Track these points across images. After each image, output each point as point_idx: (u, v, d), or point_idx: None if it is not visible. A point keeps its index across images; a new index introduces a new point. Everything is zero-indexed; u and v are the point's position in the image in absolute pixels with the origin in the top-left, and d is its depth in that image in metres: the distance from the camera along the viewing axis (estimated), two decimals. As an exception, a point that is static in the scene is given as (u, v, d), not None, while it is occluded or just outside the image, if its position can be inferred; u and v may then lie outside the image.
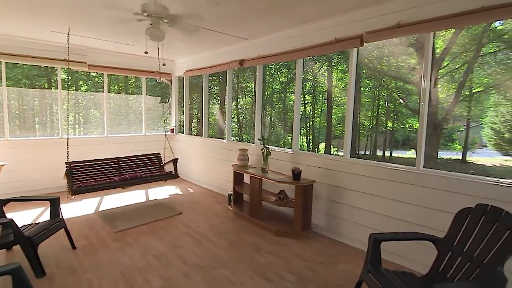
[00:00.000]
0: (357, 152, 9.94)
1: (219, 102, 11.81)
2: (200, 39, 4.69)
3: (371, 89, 10.01)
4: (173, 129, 7.10)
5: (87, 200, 4.95)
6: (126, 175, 4.58)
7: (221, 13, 3.44)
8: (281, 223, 3.92)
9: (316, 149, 11.01)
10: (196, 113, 11.49)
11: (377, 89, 9.82)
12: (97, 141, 6.05)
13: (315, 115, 11.13)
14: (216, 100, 11.96)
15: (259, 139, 4.22)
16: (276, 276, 2.77)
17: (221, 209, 4.69)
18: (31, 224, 3.01)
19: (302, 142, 10.95)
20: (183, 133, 6.97)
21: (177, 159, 5.09)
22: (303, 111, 10.79)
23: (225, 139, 5.55)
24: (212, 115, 11.71)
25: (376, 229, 3.19)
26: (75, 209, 4.49)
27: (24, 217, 4.07)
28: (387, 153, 9.73)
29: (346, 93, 3.52)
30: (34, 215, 4.20)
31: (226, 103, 5.58)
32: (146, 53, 3.86)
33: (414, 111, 8.54)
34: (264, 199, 4.04)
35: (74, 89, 9.50)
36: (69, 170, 4.05)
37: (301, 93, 4.33)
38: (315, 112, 11.14)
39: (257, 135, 4.83)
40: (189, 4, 3.14)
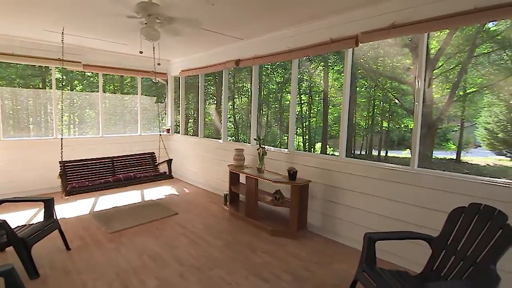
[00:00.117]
0: (353, 152, 9.97)
1: (215, 102, 11.78)
2: (195, 39, 4.68)
3: (366, 89, 10.04)
4: (169, 129, 7.07)
5: (81, 200, 4.92)
6: (120, 176, 4.56)
7: (217, 13, 3.44)
8: (277, 223, 3.93)
9: (312, 149, 11.02)
10: (192, 113, 11.45)
11: (372, 89, 9.86)
12: (92, 141, 6.00)
13: (311, 115, 11.14)
14: (212, 100, 11.92)
15: (255, 139, 4.22)
16: (271, 275, 2.77)
17: (217, 209, 4.68)
18: (25, 225, 2.98)
19: (298, 142, 10.96)
20: (179, 133, 6.95)
21: (171, 160, 5.08)
22: (299, 111, 10.80)
23: (221, 139, 5.55)
24: (208, 115, 11.67)
25: (371, 228, 3.21)
26: (69, 210, 4.46)
27: (17, 218, 4.03)
28: (383, 153, 9.76)
29: (342, 93, 3.53)
30: (28, 216, 4.16)
31: (222, 103, 5.57)
32: (141, 52, 3.85)
33: (409, 111, 8.59)
34: (260, 199, 4.04)
35: (69, 89, 9.41)
36: (63, 170, 4.02)
37: (297, 93, 4.35)
38: (311, 112, 11.15)
39: (253, 135, 4.83)
40: (184, 4, 3.13)
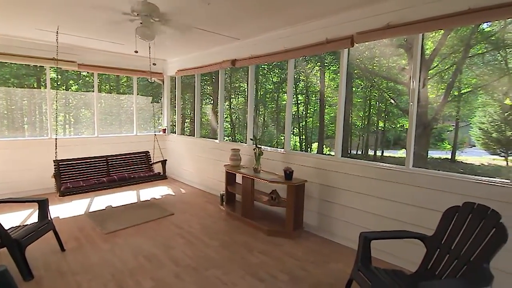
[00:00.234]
0: (349, 151, 10.01)
1: (212, 102, 11.76)
2: (191, 39, 4.67)
3: (362, 89, 10.08)
4: (165, 129, 7.05)
5: (76, 201, 4.88)
6: (114, 176, 4.54)
7: (213, 13, 3.43)
8: (273, 222, 3.93)
9: (309, 149, 11.05)
10: (188, 113, 11.42)
11: (368, 89, 9.91)
12: (87, 141, 5.96)
13: (308, 115, 11.17)
14: (209, 100, 11.90)
15: (251, 139, 4.22)
16: (268, 275, 2.77)
17: (213, 209, 4.68)
18: (19, 226, 2.95)
19: (295, 142, 10.98)
20: (175, 133, 6.92)
21: (166, 161, 5.09)
22: (295, 111, 10.83)
23: (217, 139, 5.54)
24: (204, 115, 11.65)
25: (367, 228, 3.22)
26: (64, 210, 4.42)
27: (11, 219, 3.98)
28: (379, 153, 9.82)
29: (338, 93, 3.54)
30: (22, 217, 4.12)
31: (218, 103, 5.56)
32: (136, 52, 3.84)
33: (404, 111, 8.65)
34: (256, 199, 4.04)
35: (64, 88, 9.34)
36: (57, 170, 3.99)
37: (293, 93, 4.36)
38: (308, 112, 11.18)
39: (250, 135, 4.83)
40: (180, 3, 3.12)
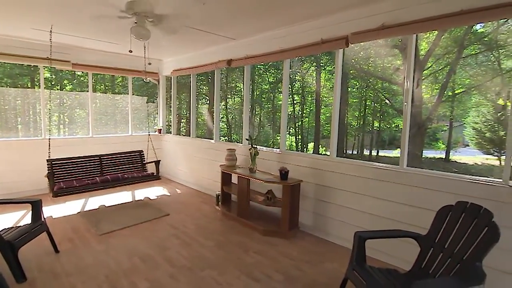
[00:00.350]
0: (344, 151, 10.06)
1: (208, 102, 11.74)
2: (187, 39, 4.66)
3: (358, 89, 10.14)
4: (161, 129, 7.01)
5: (71, 201, 4.84)
6: (107, 176, 4.52)
7: (208, 13, 3.42)
8: (269, 222, 3.93)
9: (305, 149, 11.08)
10: (184, 113, 11.39)
11: (364, 90, 9.97)
12: (82, 141, 5.91)
13: (304, 115, 11.21)
14: (205, 100, 11.88)
15: (247, 139, 4.22)
16: (263, 275, 2.77)
17: (209, 210, 4.67)
18: (12, 227, 2.91)
19: (291, 142, 11.01)
20: (171, 133, 6.90)
21: (159, 161, 5.11)
22: (291, 111, 10.85)
23: (213, 139, 5.53)
24: (201, 115, 11.63)
25: (362, 227, 3.23)
26: (58, 211, 4.37)
27: (4, 220, 3.95)
28: (374, 153, 9.89)
29: (333, 93, 3.56)
30: (15, 219, 4.08)
31: (214, 103, 5.55)
32: (130, 52, 3.82)
33: (399, 111, 8.72)
34: (252, 199, 4.04)
35: (58, 88, 9.27)
36: (50, 170, 3.95)
37: (289, 93, 4.37)
38: (304, 112, 11.21)
39: (245, 135, 4.82)
40: (175, 3, 3.11)
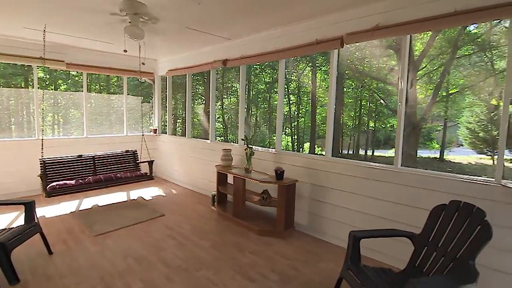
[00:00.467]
0: (340, 151, 10.09)
1: (204, 102, 11.70)
2: (182, 39, 4.64)
3: (353, 89, 10.18)
4: (156, 129, 6.98)
5: (65, 202, 4.79)
6: (101, 176, 4.50)
7: (203, 13, 3.42)
8: (265, 222, 3.93)
9: (301, 149, 11.10)
10: (180, 113, 11.34)
11: (359, 90, 10.01)
12: (76, 142, 5.86)
13: (300, 115, 11.22)
14: (201, 100, 11.85)
15: (243, 139, 4.22)
16: (258, 275, 2.78)
17: (205, 210, 4.65)
18: (4, 229, 2.87)
19: (287, 142, 11.02)
20: (167, 133, 6.87)
21: (153, 161, 5.15)
22: (287, 111, 10.86)
23: (209, 139, 5.52)
24: (196, 115, 11.59)
25: (357, 227, 3.25)
26: (52, 212, 4.33)
27: (-3, 222, 3.90)
28: (369, 152, 9.93)
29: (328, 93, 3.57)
30: (8, 220, 4.03)
31: (210, 103, 5.54)
32: (125, 51, 3.79)
33: (394, 111, 8.74)
34: (247, 199, 4.04)
35: (52, 88, 9.17)
36: (43, 170, 3.92)
37: (285, 94, 4.37)
38: (300, 112, 11.23)
39: (241, 135, 4.82)
40: (169, 2, 3.09)
